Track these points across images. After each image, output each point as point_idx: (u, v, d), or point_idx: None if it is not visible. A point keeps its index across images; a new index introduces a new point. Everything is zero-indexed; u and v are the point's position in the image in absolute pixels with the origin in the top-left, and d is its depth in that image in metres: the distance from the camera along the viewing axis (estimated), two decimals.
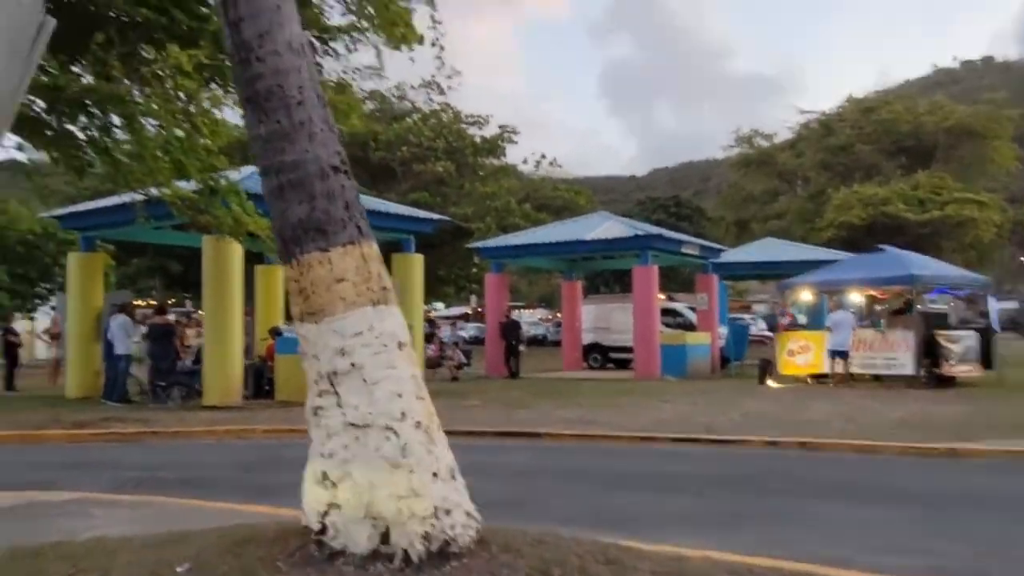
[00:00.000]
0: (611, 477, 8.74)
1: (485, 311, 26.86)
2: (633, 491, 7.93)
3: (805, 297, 21.03)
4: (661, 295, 24.98)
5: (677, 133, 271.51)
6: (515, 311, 35.87)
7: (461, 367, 22.67)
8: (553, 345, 36.62)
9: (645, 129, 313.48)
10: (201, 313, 19.27)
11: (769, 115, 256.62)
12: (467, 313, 54.16)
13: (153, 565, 4.20)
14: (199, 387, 15.56)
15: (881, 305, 20.77)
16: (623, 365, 24.42)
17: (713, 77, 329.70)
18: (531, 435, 11.42)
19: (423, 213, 21.26)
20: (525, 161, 44.45)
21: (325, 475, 4.21)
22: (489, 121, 40.38)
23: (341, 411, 4.21)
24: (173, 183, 11.90)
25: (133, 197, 13.00)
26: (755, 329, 31.94)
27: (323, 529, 4.15)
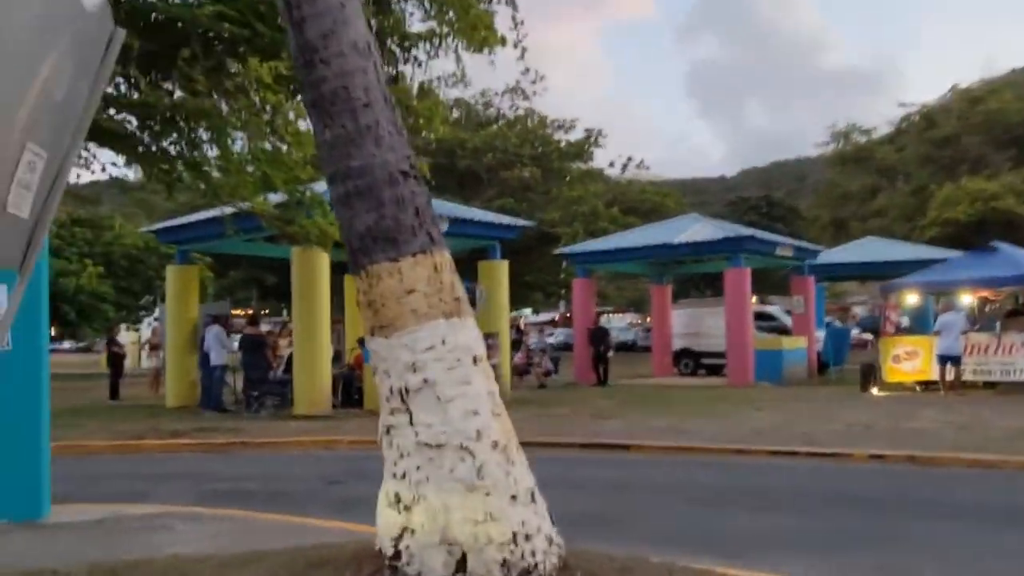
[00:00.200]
0: (704, 493, 8.30)
1: (573, 317, 26.54)
2: (728, 508, 7.49)
3: (911, 299, 19.96)
4: (754, 298, 24.22)
5: (768, 132, 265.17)
6: (603, 316, 35.47)
7: (549, 374, 22.40)
8: (643, 351, 35.99)
9: (735, 129, 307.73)
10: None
11: (866, 110, 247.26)
12: (555, 319, 53.87)
13: None
14: (291, 396, 15.77)
15: (993, 306, 19.55)
16: (715, 371, 23.73)
17: (805, 74, 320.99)
18: (619, 447, 11.03)
19: (507, 219, 21.10)
20: (612, 164, 43.94)
21: (398, 497, 4.01)
22: (575, 125, 40.20)
23: (413, 430, 4.00)
24: (259, 195, 12.05)
25: (223, 210, 13.26)
26: (854, 333, 30.74)
27: (397, 554, 3.96)
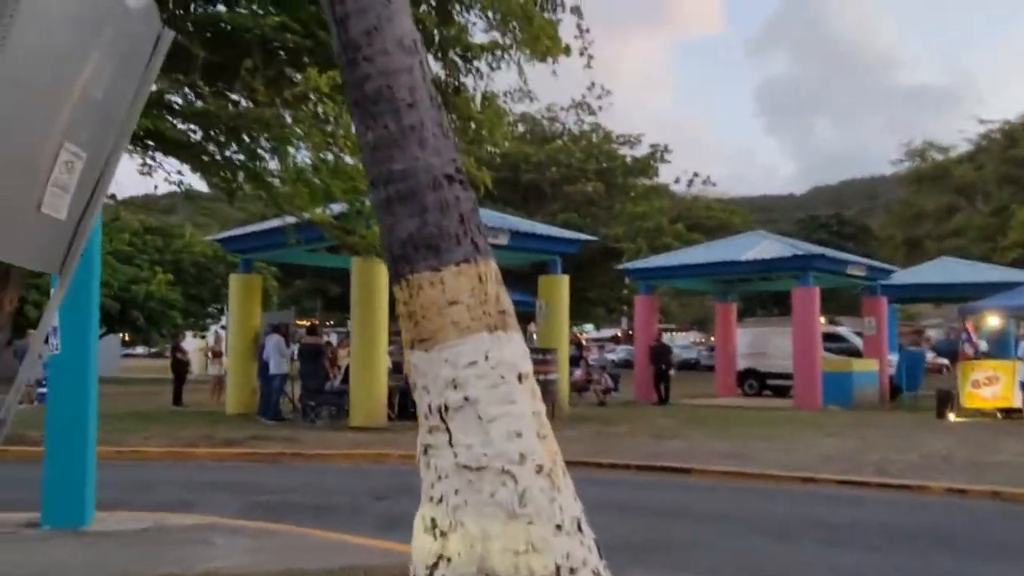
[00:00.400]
0: (765, 523, 7.84)
1: (635, 334, 26.08)
2: (792, 542, 7.04)
3: (992, 322, 19.01)
4: (822, 318, 23.42)
5: (838, 150, 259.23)
6: (666, 334, 34.78)
7: (608, 391, 21.98)
8: (706, 370, 35.25)
9: (804, 146, 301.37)
10: None
11: (941, 127, 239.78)
12: (617, 336, 53.25)
13: None
14: (347, 407, 15.72)
15: None
16: (781, 393, 22.98)
17: (877, 91, 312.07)
18: (679, 470, 10.62)
19: (568, 233, 20.84)
20: (677, 180, 43.39)
21: (434, 523, 3.76)
22: (641, 141, 39.75)
23: (452, 451, 3.75)
24: (319, 206, 12.02)
25: (285, 220, 13.30)
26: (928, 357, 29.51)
27: None
